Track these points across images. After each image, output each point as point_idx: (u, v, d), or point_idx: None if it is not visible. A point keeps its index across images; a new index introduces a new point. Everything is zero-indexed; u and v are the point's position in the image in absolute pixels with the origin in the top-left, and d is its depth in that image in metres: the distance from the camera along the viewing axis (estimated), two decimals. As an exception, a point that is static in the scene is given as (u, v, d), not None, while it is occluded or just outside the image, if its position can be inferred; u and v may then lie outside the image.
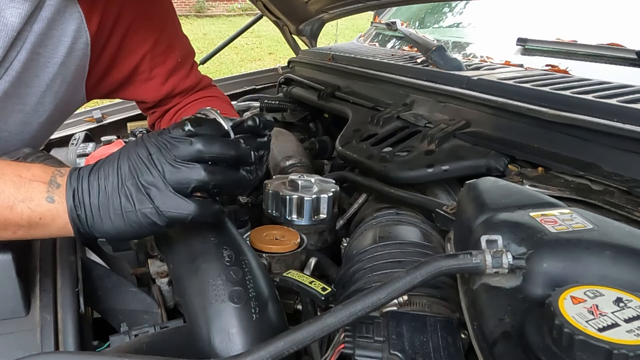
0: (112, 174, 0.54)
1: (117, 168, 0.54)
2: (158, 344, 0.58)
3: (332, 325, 0.43)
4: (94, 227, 0.54)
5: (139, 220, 0.53)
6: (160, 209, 0.52)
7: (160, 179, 0.52)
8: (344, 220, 1.00)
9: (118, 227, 0.53)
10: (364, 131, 1.12)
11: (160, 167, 0.53)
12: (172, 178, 0.52)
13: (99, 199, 0.53)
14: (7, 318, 0.59)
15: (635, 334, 0.35)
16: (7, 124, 0.76)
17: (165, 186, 0.52)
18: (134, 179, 0.53)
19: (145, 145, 0.54)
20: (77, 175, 0.54)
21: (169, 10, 0.95)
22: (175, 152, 0.53)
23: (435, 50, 1.18)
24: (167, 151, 0.53)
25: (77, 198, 0.53)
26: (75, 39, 0.75)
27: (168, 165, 0.53)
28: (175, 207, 0.53)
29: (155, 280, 0.77)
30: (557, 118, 0.78)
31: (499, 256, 0.45)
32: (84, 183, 0.53)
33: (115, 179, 0.53)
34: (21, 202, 0.52)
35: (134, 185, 0.52)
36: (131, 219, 0.53)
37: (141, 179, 0.52)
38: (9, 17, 0.65)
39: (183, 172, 0.53)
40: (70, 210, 0.53)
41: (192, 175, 0.53)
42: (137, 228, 0.53)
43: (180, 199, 0.53)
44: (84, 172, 0.54)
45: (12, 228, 0.53)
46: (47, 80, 0.76)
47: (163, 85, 0.94)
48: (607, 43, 1.12)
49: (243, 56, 8.03)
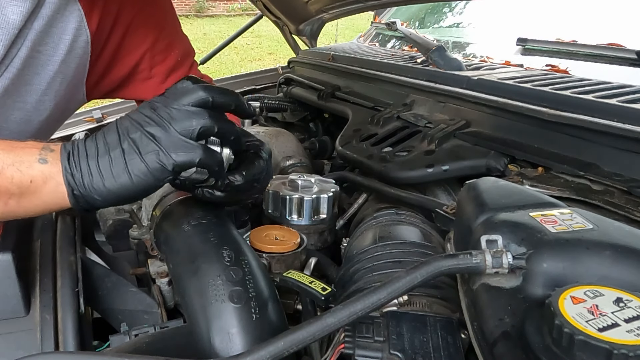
0: (111, 132, 0.53)
1: (116, 125, 0.53)
2: (158, 344, 0.58)
3: (332, 325, 0.43)
4: (92, 187, 0.51)
5: (144, 168, 0.51)
6: (168, 151, 0.52)
7: (166, 123, 0.52)
8: (344, 220, 1.00)
9: (122, 181, 0.51)
10: (364, 131, 1.12)
11: (165, 113, 0.53)
12: (178, 122, 0.52)
13: (98, 156, 0.52)
14: (7, 318, 0.59)
15: (635, 334, 0.35)
16: (8, 122, 0.76)
17: (172, 129, 0.52)
18: (137, 130, 0.52)
19: (147, 104, 0.54)
20: (72, 142, 0.54)
21: (168, 9, 0.95)
22: (180, 99, 0.53)
23: (435, 50, 1.18)
24: (171, 100, 0.53)
25: (72, 159, 0.52)
26: (76, 37, 0.75)
27: (173, 110, 0.53)
28: (183, 150, 0.52)
29: (155, 280, 0.77)
30: (557, 118, 0.78)
31: (499, 256, 0.45)
32: (80, 145, 0.53)
33: (115, 134, 0.53)
34: (10, 165, 0.50)
35: (138, 134, 0.52)
36: (137, 167, 0.51)
37: (146, 128, 0.52)
38: (10, 15, 0.65)
39: (189, 115, 0.53)
40: (64, 170, 0.51)
41: (198, 118, 0.53)
42: (142, 179, 0.52)
43: (187, 142, 0.52)
44: (79, 141, 0.54)
45: (3, 197, 0.51)
46: (47, 78, 0.76)
47: (163, 84, 0.94)
48: (607, 43, 1.12)
49: (243, 56, 8.03)
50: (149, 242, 0.80)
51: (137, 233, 0.82)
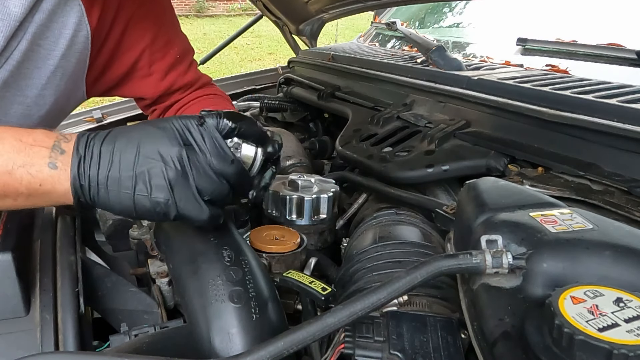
0: (129, 150, 0.51)
1: (137, 147, 0.51)
2: (158, 344, 0.58)
3: (332, 325, 0.43)
4: (97, 200, 0.52)
5: (149, 207, 0.51)
6: (178, 205, 0.51)
7: (190, 178, 0.52)
8: (344, 220, 0.99)
9: (125, 205, 0.52)
10: (364, 131, 1.12)
11: (191, 167, 0.52)
12: (200, 183, 0.52)
13: (109, 172, 0.51)
14: (7, 318, 0.59)
15: (635, 334, 0.35)
16: (8, 116, 0.76)
17: (190, 187, 0.52)
18: (156, 164, 0.51)
19: (175, 132, 0.52)
20: (86, 143, 0.52)
21: (167, 7, 0.96)
22: (214, 159, 0.52)
23: (435, 50, 1.18)
24: (204, 154, 0.52)
25: (83, 167, 0.51)
26: (76, 31, 0.76)
27: (201, 171, 0.52)
28: (192, 209, 0.52)
29: (155, 280, 0.77)
30: (557, 118, 0.78)
31: (499, 256, 0.45)
32: (94, 151, 0.51)
33: (132, 157, 0.51)
34: (21, 166, 0.50)
35: (156, 171, 0.51)
36: (141, 202, 0.51)
37: (166, 168, 0.51)
38: (12, 7, 0.66)
39: (213, 184, 0.52)
40: (73, 179, 0.51)
41: (220, 190, 0.53)
42: (143, 212, 0.52)
43: (199, 203, 0.52)
44: (95, 141, 0.52)
45: (12, 195, 0.51)
46: (47, 72, 0.76)
47: (162, 81, 0.94)
48: (607, 43, 1.12)
49: (243, 56, 8.03)
50: (149, 242, 0.80)
51: (137, 233, 0.82)
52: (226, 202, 0.56)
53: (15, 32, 0.68)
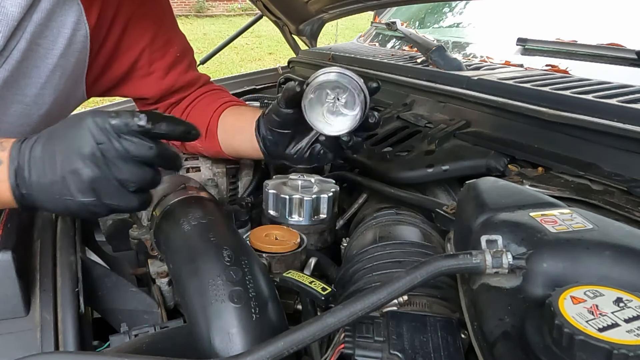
0: (51, 156, 0.53)
1: (57, 152, 0.53)
2: (158, 344, 0.58)
3: (332, 325, 0.43)
4: (40, 205, 0.54)
5: (80, 208, 0.53)
6: (104, 202, 0.53)
7: (110, 174, 0.52)
8: (344, 220, 0.99)
9: (60, 209, 0.54)
10: (364, 131, 1.11)
11: (109, 163, 0.52)
12: (122, 176, 0.53)
13: (40, 179, 0.53)
14: (7, 318, 0.59)
15: (635, 334, 0.35)
16: (7, 115, 0.76)
17: (112, 182, 0.52)
18: (76, 169, 0.52)
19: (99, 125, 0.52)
20: (19, 150, 0.54)
21: (166, 6, 0.96)
22: (131, 149, 0.52)
23: (435, 50, 1.18)
24: (121, 146, 0.52)
25: (20, 176, 0.53)
26: (75, 31, 0.76)
27: (120, 165, 0.52)
28: (120, 202, 0.54)
29: (155, 280, 0.77)
30: (557, 118, 0.78)
31: (499, 256, 0.45)
32: (26, 158, 0.53)
33: (54, 163, 0.53)
34: None
35: (76, 175, 0.52)
36: (72, 206, 0.53)
37: (86, 171, 0.52)
38: (9, 7, 0.66)
39: (135, 174, 0.53)
40: (12, 189, 0.53)
41: (144, 177, 0.54)
42: (77, 213, 0.54)
43: (125, 195, 0.54)
44: (26, 148, 0.54)
45: None
46: (46, 71, 0.76)
47: (162, 80, 0.94)
48: (607, 43, 1.12)
49: (243, 56, 8.03)
50: (149, 242, 0.80)
51: (137, 233, 0.82)
52: (154, 183, 0.56)
53: (14, 31, 0.68)
